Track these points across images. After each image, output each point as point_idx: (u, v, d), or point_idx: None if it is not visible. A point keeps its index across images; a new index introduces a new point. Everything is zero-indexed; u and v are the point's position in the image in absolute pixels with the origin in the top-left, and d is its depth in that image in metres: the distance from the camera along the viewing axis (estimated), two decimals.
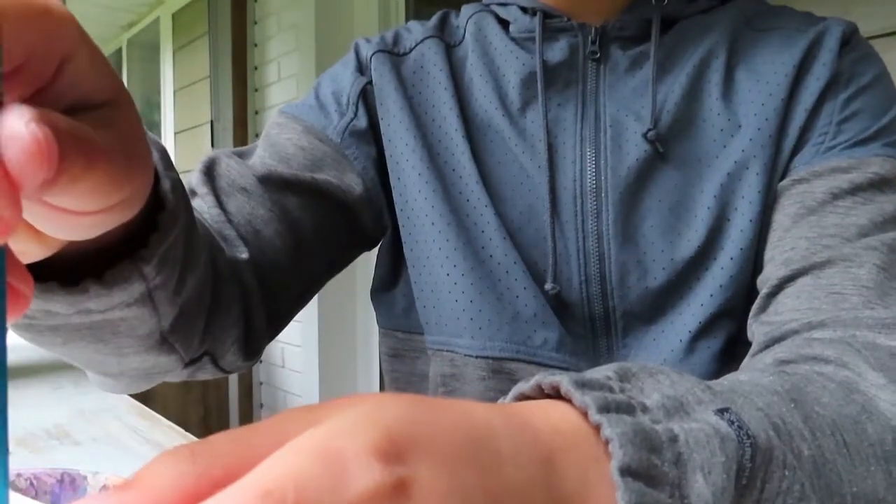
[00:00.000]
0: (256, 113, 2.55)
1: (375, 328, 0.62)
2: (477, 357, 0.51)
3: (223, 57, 2.60)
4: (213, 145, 2.65)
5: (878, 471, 0.28)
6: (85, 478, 0.23)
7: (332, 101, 0.57)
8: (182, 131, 3.26)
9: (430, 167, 0.54)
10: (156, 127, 3.64)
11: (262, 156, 0.54)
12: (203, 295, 0.41)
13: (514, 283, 0.51)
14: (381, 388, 2.12)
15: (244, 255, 0.48)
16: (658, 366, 0.26)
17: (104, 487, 0.22)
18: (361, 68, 0.59)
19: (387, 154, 0.56)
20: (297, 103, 0.59)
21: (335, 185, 0.54)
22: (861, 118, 0.49)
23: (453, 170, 0.54)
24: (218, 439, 0.17)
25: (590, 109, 0.53)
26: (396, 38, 0.60)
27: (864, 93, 0.50)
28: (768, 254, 0.49)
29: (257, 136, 2.55)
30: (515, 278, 0.51)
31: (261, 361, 2.70)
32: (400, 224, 0.56)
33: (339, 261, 0.58)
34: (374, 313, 0.62)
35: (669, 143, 0.51)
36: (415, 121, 0.56)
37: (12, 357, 1.07)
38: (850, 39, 0.52)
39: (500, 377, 0.51)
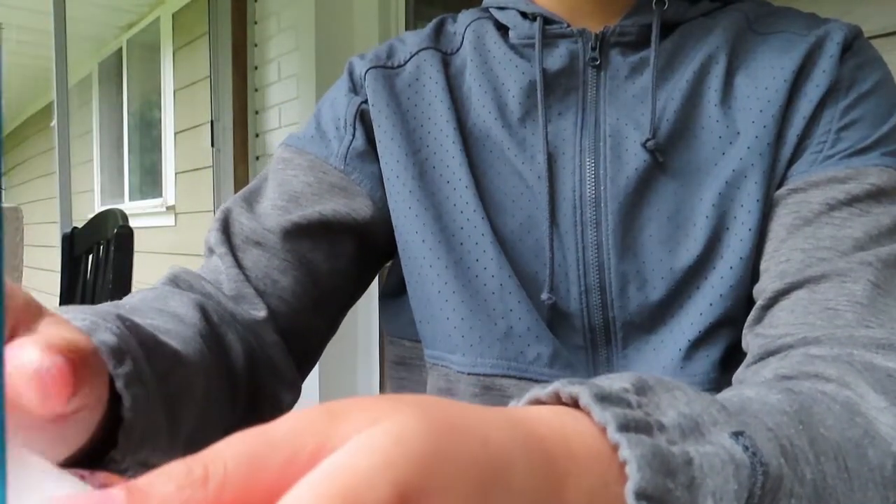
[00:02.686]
0: (256, 113, 2.55)
1: (376, 333, 0.62)
2: (468, 374, 0.51)
3: (223, 57, 2.60)
4: (212, 145, 2.65)
5: (875, 496, 0.28)
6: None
7: (332, 128, 0.58)
8: (182, 131, 3.26)
9: (422, 184, 0.54)
10: (156, 126, 3.64)
11: (272, 199, 0.55)
12: (214, 396, 0.43)
13: (508, 297, 0.50)
14: (381, 392, 2.12)
15: (262, 313, 0.51)
16: (673, 380, 0.27)
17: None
18: (356, 88, 0.59)
19: (382, 172, 0.56)
20: (299, 134, 0.59)
21: (344, 214, 0.55)
22: (860, 126, 0.49)
23: (448, 182, 0.54)
24: (231, 454, 0.18)
25: (590, 118, 0.53)
26: (390, 52, 0.59)
27: (864, 100, 0.50)
28: (763, 264, 0.49)
29: (257, 135, 2.55)
30: (510, 292, 0.50)
31: None
32: (396, 240, 0.56)
33: (361, 283, 0.60)
34: (374, 317, 0.62)
35: (669, 152, 0.51)
36: (408, 136, 0.55)
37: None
38: (853, 44, 0.51)
39: (491, 394, 0.51)
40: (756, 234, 0.49)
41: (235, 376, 0.47)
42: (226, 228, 0.54)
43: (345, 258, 0.56)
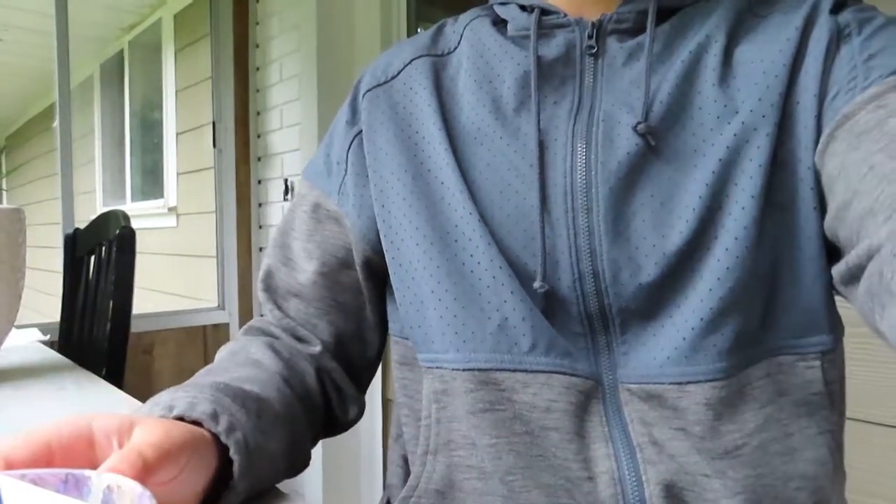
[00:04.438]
0: (258, 114, 2.55)
1: None
2: (463, 370, 0.51)
3: (225, 57, 2.60)
4: (214, 146, 2.65)
5: None
6: (89, 478, 0.23)
7: (334, 162, 0.63)
8: (184, 132, 3.26)
9: (416, 189, 0.55)
10: (157, 127, 3.64)
11: (298, 251, 0.64)
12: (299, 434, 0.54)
13: (501, 289, 0.50)
14: (384, 390, 2.12)
15: (317, 348, 0.62)
16: None
17: (108, 488, 0.22)
18: (354, 116, 0.62)
19: (372, 186, 0.58)
20: (314, 162, 0.66)
21: (349, 248, 0.61)
22: (886, 53, 0.47)
23: (442, 183, 0.54)
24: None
25: (585, 104, 0.53)
26: (387, 66, 0.62)
27: (880, 33, 0.48)
28: (855, 207, 0.44)
29: (259, 136, 2.54)
30: (502, 283, 0.50)
31: None
32: (385, 250, 0.57)
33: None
34: None
35: (662, 135, 0.50)
36: (403, 144, 0.57)
37: (14, 359, 1.08)
38: (847, 1, 0.51)
39: (487, 388, 0.51)
40: (758, 203, 0.47)
41: (311, 398, 0.58)
42: (269, 286, 0.65)
43: (368, 288, 0.62)
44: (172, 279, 3.44)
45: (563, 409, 0.49)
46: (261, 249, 2.67)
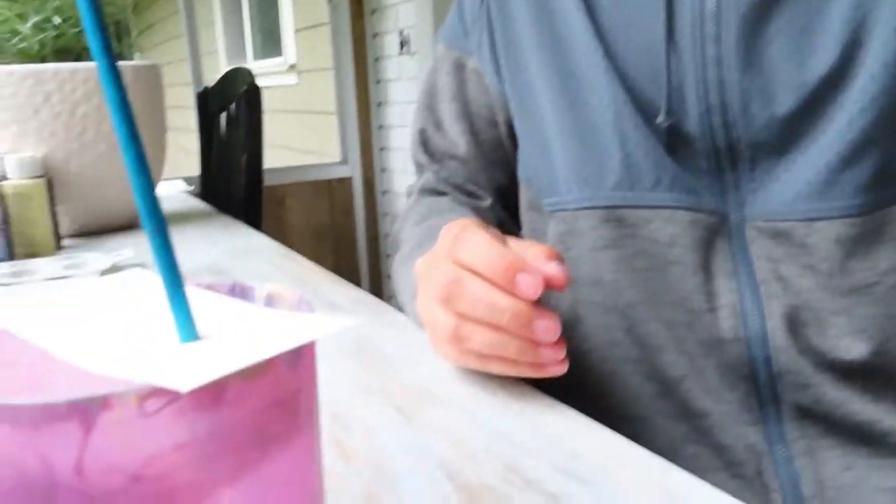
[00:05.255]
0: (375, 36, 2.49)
1: None
2: (586, 209, 0.52)
3: None
4: (329, 0, 2.63)
5: None
6: (252, 287, 0.25)
7: (468, 21, 0.63)
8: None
9: (541, 32, 0.54)
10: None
11: (447, 114, 0.65)
12: None
13: (625, 125, 0.50)
14: None
15: (488, 202, 0.65)
16: None
17: (269, 296, 0.25)
18: None
19: (499, 35, 0.58)
20: (448, 26, 0.66)
21: (485, 102, 0.63)
22: None
23: (567, 23, 0.53)
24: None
25: None
26: None
27: None
28: None
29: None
30: (626, 119, 0.50)
31: (385, 215, 2.81)
32: (510, 98, 0.58)
33: None
34: None
35: None
36: None
37: (165, 207, 1.17)
38: None
39: (609, 226, 0.51)
40: None
41: None
42: (426, 149, 0.68)
43: (510, 137, 0.63)
44: (296, 136, 3.57)
45: (687, 244, 0.49)
46: (379, 104, 2.70)
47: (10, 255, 0.88)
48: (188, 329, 0.19)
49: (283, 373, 0.18)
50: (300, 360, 0.19)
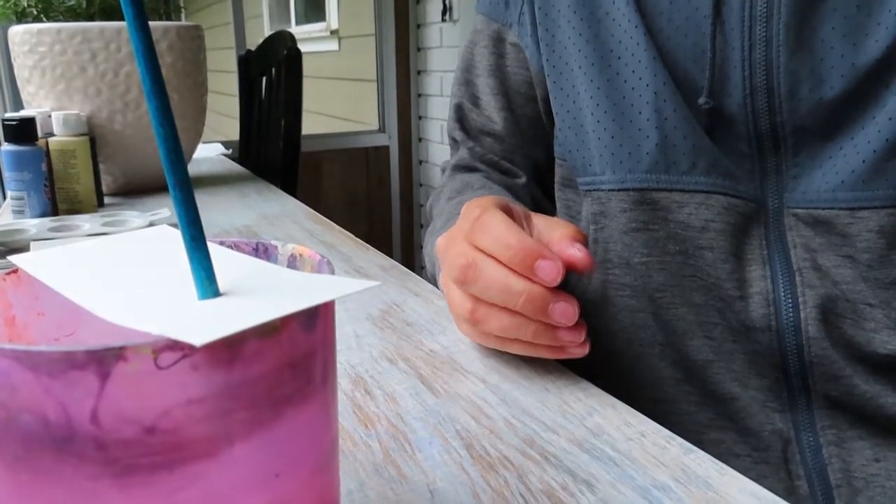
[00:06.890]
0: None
1: None
2: (619, 190, 0.51)
3: None
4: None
5: None
6: (276, 247, 0.25)
7: None
8: None
9: (581, 7, 0.53)
10: None
11: (485, 91, 0.65)
12: None
13: (663, 105, 0.48)
14: None
15: (523, 179, 0.65)
16: None
17: (291, 256, 0.25)
18: None
19: (537, 9, 0.57)
20: None
21: (523, 77, 0.62)
22: None
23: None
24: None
25: None
26: None
27: None
28: None
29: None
30: (664, 100, 0.48)
31: (420, 185, 2.81)
32: (546, 75, 0.57)
33: None
34: None
35: None
36: None
37: (203, 169, 1.19)
38: None
39: (641, 208, 0.50)
40: None
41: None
42: (463, 126, 0.68)
43: (548, 113, 0.62)
44: (335, 102, 3.57)
45: (720, 230, 0.48)
46: (419, 73, 2.68)
47: (54, 211, 0.90)
48: (208, 285, 0.19)
49: (299, 333, 0.18)
50: (316, 321, 0.19)
